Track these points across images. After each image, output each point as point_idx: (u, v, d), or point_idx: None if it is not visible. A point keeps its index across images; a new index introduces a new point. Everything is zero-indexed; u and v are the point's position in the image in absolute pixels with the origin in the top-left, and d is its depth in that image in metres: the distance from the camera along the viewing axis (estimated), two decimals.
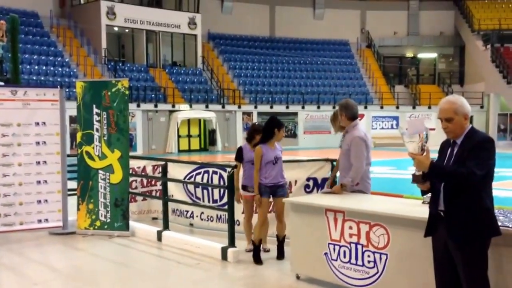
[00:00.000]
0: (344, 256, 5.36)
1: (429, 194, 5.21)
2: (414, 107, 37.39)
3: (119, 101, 8.29)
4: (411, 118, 5.49)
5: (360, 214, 5.23)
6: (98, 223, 8.40)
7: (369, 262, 5.17)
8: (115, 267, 6.82)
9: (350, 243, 5.31)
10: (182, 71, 34.39)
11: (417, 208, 5.10)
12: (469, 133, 3.96)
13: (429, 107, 37.11)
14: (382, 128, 36.04)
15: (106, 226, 8.36)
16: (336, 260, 5.44)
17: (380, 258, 5.08)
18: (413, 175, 4.02)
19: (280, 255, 6.71)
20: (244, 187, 6.96)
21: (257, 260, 6.56)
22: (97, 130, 8.42)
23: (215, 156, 27.41)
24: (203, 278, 6.15)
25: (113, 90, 8.32)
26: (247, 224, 7.19)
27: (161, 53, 34.53)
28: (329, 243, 5.48)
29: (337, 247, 5.43)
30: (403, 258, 4.88)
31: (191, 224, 8.94)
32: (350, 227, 5.30)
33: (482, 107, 37.19)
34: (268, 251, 7.01)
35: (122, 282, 6.08)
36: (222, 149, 31.18)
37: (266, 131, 6.69)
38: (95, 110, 8.41)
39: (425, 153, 3.92)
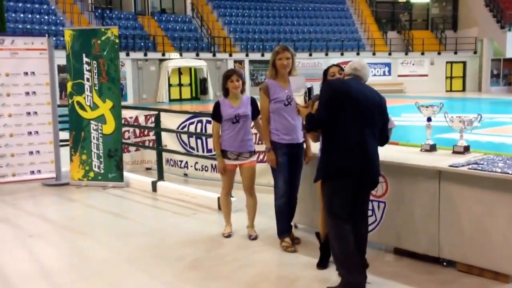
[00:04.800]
0: None
1: (427, 142, 5.23)
2: (406, 53, 37.11)
3: (109, 50, 8.08)
4: (294, 75, 5.57)
5: None
6: (91, 174, 8.32)
7: None
8: (110, 218, 6.78)
9: None
10: (171, 19, 33.74)
11: (416, 155, 5.05)
12: None
13: (422, 53, 36.91)
14: (375, 75, 35.81)
15: (100, 177, 8.29)
16: None
17: (378, 206, 5.05)
18: (302, 124, 4.76)
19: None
20: (224, 153, 5.59)
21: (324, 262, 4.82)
22: (87, 79, 8.24)
23: (207, 105, 27.20)
24: (200, 228, 6.12)
25: (103, 38, 8.10)
26: (225, 199, 5.82)
27: (149, 0, 33.78)
28: None
29: None
30: (401, 206, 4.85)
31: (185, 174, 8.91)
32: None
33: (475, 52, 36.96)
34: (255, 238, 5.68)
35: (118, 233, 6.03)
36: (213, 98, 30.93)
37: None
38: (85, 59, 8.20)
39: (308, 106, 4.46)
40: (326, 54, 34.38)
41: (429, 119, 5.18)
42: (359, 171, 4.10)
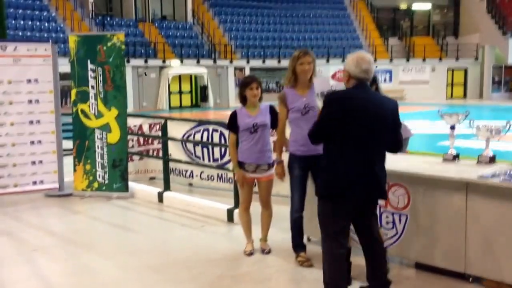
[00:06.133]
0: None
1: (450, 151, 5.02)
2: (408, 60, 36.98)
3: (115, 56, 7.87)
4: (318, 77, 5.31)
5: None
6: (96, 185, 8.10)
7: (387, 223, 4.92)
8: (116, 231, 6.54)
9: None
10: (172, 26, 33.61)
11: (439, 166, 4.84)
12: None
13: (424, 60, 36.79)
14: None
15: (104, 188, 8.06)
16: None
17: (400, 219, 4.84)
18: None
19: None
20: (241, 165, 5.30)
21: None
22: (92, 87, 8.02)
23: (207, 113, 27.07)
24: (210, 242, 5.89)
25: (109, 44, 7.89)
26: (244, 215, 5.45)
27: (150, 7, 33.65)
28: None
29: None
30: (424, 219, 4.64)
31: (190, 184, 8.69)
32: None
33: (476, 59, 36.84)
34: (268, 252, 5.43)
35: (124, 247, 5.80)
36: (214, 105, 30.80)
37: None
38: (90, 66, 7.99)
39: None
40: (327, 61, 34.20)
41: (452, 128, 4.97)
42: (358, 195, 3.81)
